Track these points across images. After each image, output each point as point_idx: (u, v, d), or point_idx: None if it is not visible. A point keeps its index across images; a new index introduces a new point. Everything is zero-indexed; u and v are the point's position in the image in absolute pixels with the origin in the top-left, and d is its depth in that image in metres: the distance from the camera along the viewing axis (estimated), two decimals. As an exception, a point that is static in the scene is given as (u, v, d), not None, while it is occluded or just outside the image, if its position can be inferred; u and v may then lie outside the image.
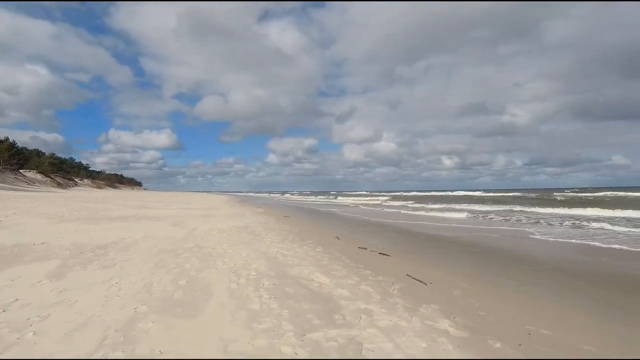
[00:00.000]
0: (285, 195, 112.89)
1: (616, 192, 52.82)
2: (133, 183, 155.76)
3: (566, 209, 24.39)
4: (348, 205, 40.66)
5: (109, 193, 65.33)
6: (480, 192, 71.66)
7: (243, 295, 4.85)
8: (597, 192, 56.16)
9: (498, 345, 3.59)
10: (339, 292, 5.17)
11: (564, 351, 3.53)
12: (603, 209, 22.71)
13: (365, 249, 9.49)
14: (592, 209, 23.28)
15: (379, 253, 8.89)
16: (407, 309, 4.54)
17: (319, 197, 78.95)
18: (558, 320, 4.45)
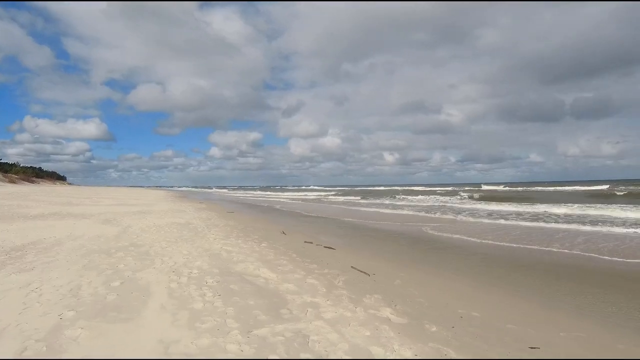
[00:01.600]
0: (230, 190, 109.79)
1: (536, 188, 59.24)
2: (55, 177, 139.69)
3: (494, 204, 26.85)
4: (294, 200, 40.72)
5: (25, 188, 58.18)
6: (422, 187, 75.79)
7: (185, 294, 4.64)
8: (522, 187, 62.49)
9: (434, 328, 3.85)
10: (286, 286, 5.17)
11: (491, 330, 3.90)
12: (520, 204, 25.37)
13: (311, 243, 9.60)
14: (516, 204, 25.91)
15: (325, 247, 9.05)
16: (352, 300, 4.68)
17: (264, 191, 78.00)
18: (485, 304, 4.90)
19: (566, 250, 8.87)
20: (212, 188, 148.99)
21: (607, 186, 48.11)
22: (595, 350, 3.57)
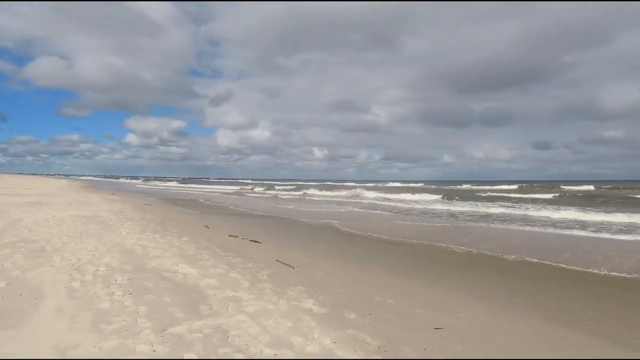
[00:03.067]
0: (143, 181, 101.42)
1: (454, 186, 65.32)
2: None
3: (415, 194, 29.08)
4: (220, 193, 39.24)
5: None
6: (352, 182, 78.25)
7: (89, 294, 4.17)
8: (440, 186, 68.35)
9: (353, 316, 4.04)
10: (206, 281, 4.96)
11: (403, 315, 4.22)
12: (445, 199, 27.89)
13: (236, 237, 9.35)
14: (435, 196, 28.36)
15: (250, 240, 8.89)
16: (275, 293, 4.68)
17: (186, 183, 73.63)
18: (400, 292, 5.29)
19: (469, 246, 10.00)
20: (131, 178, 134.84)
21: (517, 186, 54.13)
22: (487, 327, 4.08)
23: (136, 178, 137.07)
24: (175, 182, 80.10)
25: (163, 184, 69.94)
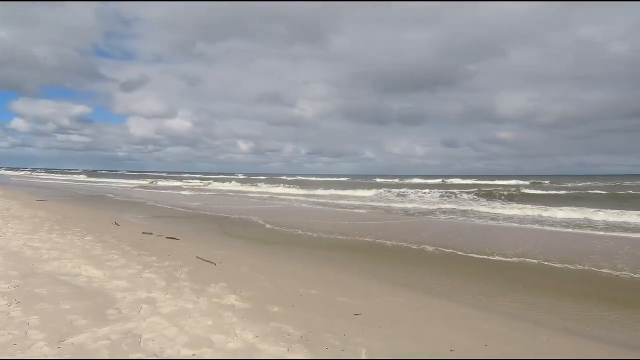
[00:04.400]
0: (41, 173, 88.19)
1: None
2: None
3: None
4: (132, 187, 35.93)
5: None
6: (285, 177, 77.41)
7: (-41, 307, 3.49)
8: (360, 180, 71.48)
9: (276, 309, 4.05)
10: (115, 284, 4.52)
11: (325, 304, 4.36)
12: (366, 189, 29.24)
13: (151, 234, 8.67)
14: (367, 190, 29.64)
15: (167, 237, 8.32)
16: (195, 291, 4.46)
17: (92, 177, 65.78)
18: (323, 282, 5.44)
19: (387, 239, 10.72)
20: (19, 169, 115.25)
21: (440, 180, 58.82)
22: (401, 310, 4.43)
23: (23, 169, 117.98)
24: (84, 176, 70.66)
25: (63, 177, 61.50)
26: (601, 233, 10.93)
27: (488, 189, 30.27)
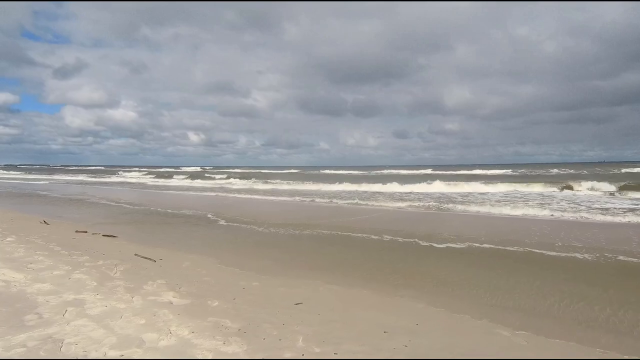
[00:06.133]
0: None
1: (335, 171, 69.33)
2: None
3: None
4: (66, 183, 33.12)
5: None
6: (240, 169, 75.18)
7: None
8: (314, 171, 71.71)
9: (216, 303, 3.99)
10: (38, 287, 4.18)
11: (266, 296, 4.37)
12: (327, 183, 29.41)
13: (85, 232, 8.11)
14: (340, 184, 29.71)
15: (104, 235, 7.83)
16: (129, 290, 4.26)
17: (19, 171, 59.49)
18: (264, 274, 5.45)
19: (328, 227, 10.93)
20: None
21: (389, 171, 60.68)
22: (340, 297, 4.57)
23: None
24: (3, 171, 63.58)
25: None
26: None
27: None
